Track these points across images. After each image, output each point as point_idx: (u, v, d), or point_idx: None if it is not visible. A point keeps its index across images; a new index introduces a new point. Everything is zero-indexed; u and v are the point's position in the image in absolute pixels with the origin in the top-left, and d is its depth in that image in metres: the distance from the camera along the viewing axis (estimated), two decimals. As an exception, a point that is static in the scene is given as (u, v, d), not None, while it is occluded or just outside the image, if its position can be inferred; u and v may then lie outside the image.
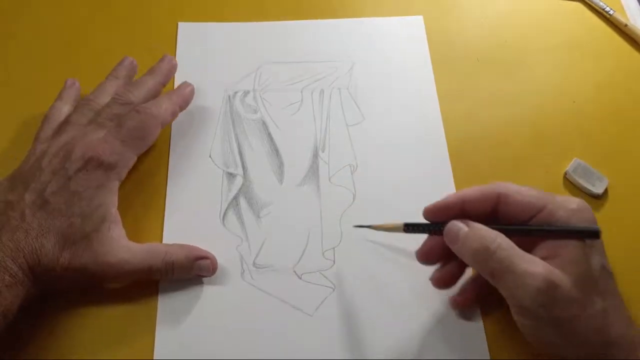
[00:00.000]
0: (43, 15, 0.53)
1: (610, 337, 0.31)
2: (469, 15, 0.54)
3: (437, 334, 0.39)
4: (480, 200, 0.35)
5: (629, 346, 0.32)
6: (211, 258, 0.40)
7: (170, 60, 0.47)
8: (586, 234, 0.33)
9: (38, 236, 0.36)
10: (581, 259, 0.32)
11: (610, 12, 0.53)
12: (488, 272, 0.33)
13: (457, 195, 0.36)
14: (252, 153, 0.46)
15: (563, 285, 0.31)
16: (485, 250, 0.33)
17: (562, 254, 0.32)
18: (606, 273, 0.33)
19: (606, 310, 0.32)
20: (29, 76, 0.49)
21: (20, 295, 0.35)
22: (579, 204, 0.34)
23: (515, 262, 0.32)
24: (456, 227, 0.34)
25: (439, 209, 0.36)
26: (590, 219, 0.34)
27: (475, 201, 0.35)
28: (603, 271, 0.33)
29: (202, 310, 0.39)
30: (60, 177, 0.38)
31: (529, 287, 0.31)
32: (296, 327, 0.39)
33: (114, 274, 0.38)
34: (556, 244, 0.33)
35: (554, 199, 0.34)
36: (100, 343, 0.38)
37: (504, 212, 0.35)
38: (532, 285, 0.31)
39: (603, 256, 0.34)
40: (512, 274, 0.32)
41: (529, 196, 0.34)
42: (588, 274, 0.32)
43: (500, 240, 0.33)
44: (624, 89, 0.50)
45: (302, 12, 0.53)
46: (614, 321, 0.32)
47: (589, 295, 0.32)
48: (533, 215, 0.34)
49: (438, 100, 0.49)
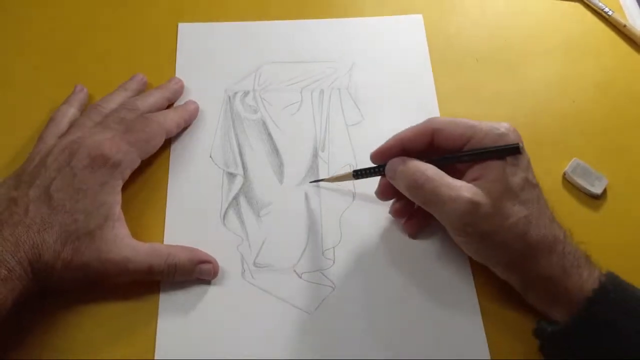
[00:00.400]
0: (43, 16, 0.53)
1: (532, 239, 0.36)
2: (468, 15, 0.54)
3: (437, 334, 0.39)
4: (417, 137, 0.39)
5: (549, 245, 0.36)
6: (213, 262, 0.40)
7: (178, 81, 0.48)
8: (507, 151, 0.37)
9: (40, 231, 0.36)
10: (502, 176, 0.36)
11: (609, 12, 0.53)
12: (420, 202, 0.38)
13: (395, 137, 0.40)
14: (252, 153, 0.46)
15: (485, 202, 0.35)
16: (415, 183, 0.37)
17: (486, 174, 0.37)
18: (529, 185, 0.37)
19: (527, 217, 0.36)
20: (29, 77, 0.49)
21: (16, 290, 0.35)
22: (506, 128, 0.38)
23: (441, 191, 0.36)
24: (393, 165, 0.39)
25: (382, 151, 0.40)
26: (514, 140, 0.37)
27: (413, 139, 0.39)
28: (526, 183, 0.37)
29: (203, 310, 0.39)
30: (65, 173, 0.39)
31: (455, 211, 0.36)
32: (296, 327, 0.39)
33: (116, 271, 0.38)
34: (482, 166, 0.37)
35: (481, 127, 0.37)
36: (102, 342, 0.38)
37: (439, 145, 0.39)
38: (457, 209, 0.35)
39: (527, 171, 0.37)
40: (440, 201, 0.36)
41: (459, 128, 0.38)
42: (508, 188, 0.36)
43: (428, 173, 0.37)
44: (623, 89, 0.50)
45: (301, 12, 0.54)
46: (536, 225, 0.36)
47: (511, 207, 0.36)
48: (465, 143, 0.38)
49: (437, 100, 0.49)
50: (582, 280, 0.35)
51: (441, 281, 0.41)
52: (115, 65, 0.50)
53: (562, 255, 0.36)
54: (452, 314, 0.39)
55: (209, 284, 0.40)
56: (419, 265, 0.41)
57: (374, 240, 0.42)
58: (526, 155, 0.38)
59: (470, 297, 0.40)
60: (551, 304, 0.36)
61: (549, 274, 0.36)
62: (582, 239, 0.38)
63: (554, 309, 0.36)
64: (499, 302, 0.39)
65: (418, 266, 0.41)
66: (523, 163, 0.37)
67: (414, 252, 0.42)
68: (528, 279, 0.37)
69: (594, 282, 0.35)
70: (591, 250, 0.38)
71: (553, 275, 0.36)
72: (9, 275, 0.34)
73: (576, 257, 0.36)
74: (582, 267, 0.36)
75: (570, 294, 0.35)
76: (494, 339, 0.39)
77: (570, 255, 0.36)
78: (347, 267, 0.41)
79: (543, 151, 0.46)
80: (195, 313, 0.39)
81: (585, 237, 0.40)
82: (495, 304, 0.39)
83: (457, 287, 0.40)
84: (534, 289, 0.37)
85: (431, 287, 0.40)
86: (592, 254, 0.38)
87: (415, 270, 0.41)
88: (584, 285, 0.35)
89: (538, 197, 0.37)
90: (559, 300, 0.36)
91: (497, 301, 0.39)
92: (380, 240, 0.42)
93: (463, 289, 0.40)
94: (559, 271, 0.36)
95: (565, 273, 0.36)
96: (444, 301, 0.40)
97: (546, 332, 0.36)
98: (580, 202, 0.44)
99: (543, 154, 0.46)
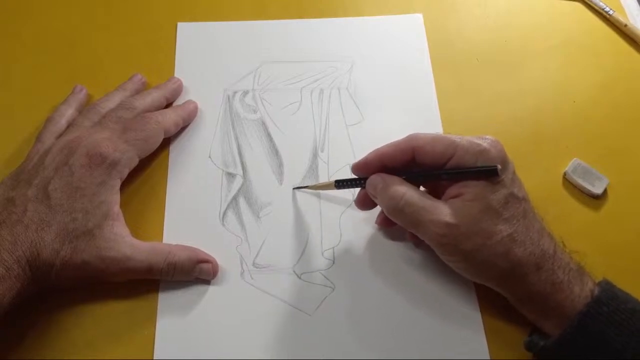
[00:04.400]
0: (43, 16, 0.53)
1: (517, 258, 0.35)
2: (468, 15, 0.54)
3: (437, 334, 0.39)
4: (397, 154, 0.38)
5: (535, 262, 0.35)
6: (213, 262, 0.40)
7: (176, 81, 0.48)
8: (484, 173, 0.36)
9: (38, 230, 0.36)
10: (480, 194, 0.35)
11: (610, 12, 0.53)
12: (403, 225, 0.38)
13: (375, 152, 0.39)
14: (252, 153, 0.46)
15: (462, 223, 0.35)
16: (395, 207, 0.37)
17: (464, 192, 0.36)
18: (514, 200, 0.36)
19: (511, 235, 0.35)
20: (27, 76, 0.49)
21: (13, 289, 0.35)
22: (489, 143, 0.36)
23: (421, 214, 0.36)
24: (373, 182, 0.38)
25: (362, 165, 0.39)
26: (494, 158, 0.36)
27: (393, 156, 0.38)
28: (510, 198, 0.36)
29: (202, 310, 0.39)
30: (63, 173, 0.39)
31: (435, 234, 0.36)
32: (296, 327, 0.39)
33: (116, 270, 0.38)
34: (461, 184, 0.36)
35: (462, 145, 0.36)
36: (101, 342, 0.38)
37: (420, 162, 0.38)
38: (436, 232, 0.35)
39: (512, 185, 0.36)
40: (420, 224, 0.36)
41: (439, 145, 0.37)
42: (489, 207, 0.35)
43: (407, 197, 0.36)
44: (623, 89, 0.50)
45: (301, 12, 0.53)
46: (522, 242, 0.35)
47: (493, 225, 0.35)
48: (447, 160, 0.37)
49: (437, 100, 0.49)
50: (573, 295, 0.35)
51: (442, 282, 0.40)
52: (114, 65, 0.50)
53: (551, 271, 0.35)
54: (452, 314, 0.39)
55: (208, 284, 0.40)
56: (418, 265, 0.41)
57: (374, 240, 0.42)
58: (511, 168, 0.37)
59: (470, 298, 0.40)
60: (543, 317, 0.36)
61: (537, 290, 0.35)
62: (582, 239, 0.38)
63: (546, 322, 0.36)
64: (499, 302, 0.39)
65: (418, 267, 0.41)
66: (507, 178, 0.36)
67: (414, 253, 0.42)
68: (518, 294, 0.37)
69: (587, 296, 0.35)
70: (591, 251, 0.38)
71: (542, 291, 0.35)
72: (7, 274, 0.34)
73: (567, 271, 0.36)
74: (573, 282, 0.35)
75: (562, 309, 0.35)
76: (494, 339, 0.39)
77: (560, 270, 0.36)
78: (347, 268, 0.41)
79: (543, 151, 0.46)
80: (194, 314, 0.39)
81: (585, 237, 0.40)
82: (496, 303, 0.39)
83: (458, 287, 0.40)
84: (524, 303, 0.37)
85: (431, 288, 0.40)
86: (592, 254, 0.38)
87: (415, 271, 0.41)
88: (576, 300, 0.35)
89: (525, 212, 0.36)
90: (550, 314, 0.36)
91: (497, 301, 0.39)
92: (380, 240, 0.42)
93: (463, 290, 0.40)
94: (549, 287, 0.35)
95: (555, 288, 0.35)
96: (444, 302, 0.40)
97: (538, 347, 0.36)
98: (580, 202, 0.44)
99: (543, 154, 0.46)
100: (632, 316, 0.34)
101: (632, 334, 0.33)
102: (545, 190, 0.38)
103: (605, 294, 0.35)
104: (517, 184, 0.37)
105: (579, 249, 0.38)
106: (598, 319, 0.34)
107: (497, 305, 0.39)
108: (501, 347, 0.38)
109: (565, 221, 0.38)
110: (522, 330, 0.38)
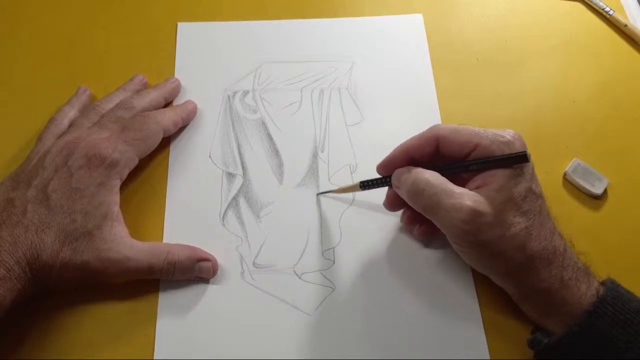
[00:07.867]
0: (43, 16, 0.53)
1: (531, 251, 0.35)
2: (468, 15, 0.54)
3: (437, 333, 0.39)
4: (423, 144, 0.38)
5: (548, 257, 0.36)
6: (212, 260, 0.40)
7: (175, 80, 0.48)
8: (515, 160, 0.36)
9: (38, 231, 0.36)
10: (505, 185, 0.35)
11: (610, 12, 0.53)
12: (420, 208, 0.37)
13: (401, 147, 0.39)
14: (252, 153, 0.46)
15: (487, 212, 0.35)
16: (416, 188, 0.36)
17: (490, 182, 0.36)
18: (533, 195, 0.36)
19: (528, 228, 0.35)
20: (29, 77, 0.49)
21: (14, 290, 0.35)
22: (511, 135, 0.37)
23: (442, 198, 0.35)
24: (398, 173, 0.38)
25: (388, 162, 0.39)
26: (520, 148, 0.36)
27: (418, 147, 0.38)
28: (529, 193, 0.36)
29: (202, 310, 0.39)
30: (62, 174, 0.39)
31: (455, 219, 0.35)
32: (296, 327, 0.39)
33: (116, 270, 0.38)
34: (487, 174, 0.36)
35: (487, 135, 0.37)
36: (101, 342, 0.38)
37: (444, 153, 0.38)
38: (457, 217, 0.35)
39: (531, 180, 0.37)
40: (440, 208, 0.35)
41: (463, 135, 0.37)
42: (511, 198, 0.35)
43: (430, 179, 0.36)
44: (623, 89, 0.50)
45: (301, 12, 0.53)
46: (536, 237, 0.35)
47: (513, 217, 0.35)
48: (470, 151, 0.37)
49: (437, 100, 0.49)
50: (580, 293, 0.35)
51: (442, 281, 0.41)
52: (114, 65, 0.50)
53: (561, 267, 0.36)
54: (452, 314, 0.39)
55: (209, 284, 0.40)
56: (419, 265, 0.41)
57: (374, 240, 0.42)
58: (531, 164, 0.37)
59: (471, 297, 0.40)
60: (547, 315, 0.36)
61: (546, 286, 0.36)
62: (582, 239, 0.38)
63: (549, 320, 0.36)
64: (500, 302, 0.39)
65: (419, 266, 0.41)
66: (528, 172, 0.36)
67: (415, 253, 0.42)
68: (525, 289, 0.37)
69: (592, 294, 0.35)
70: (592, 251, 0.38)
71: (550, 287, 0.35)
72: (7, 275, 0.34)
73: (575, 269, 0.36)
74: (580, 280, 0.36)
75: (567, 307, 0.35)
76: (494, 339, 0.39)
77: (569, 268, 0.36)
78: (347, 268, 0.41)
79: (543, 151, 0.46)
80: (195, 313, 0.39)
81: (586, 237, 0.40)
82: (496, 303, 0.39)
83: (458, 287, 0.40)
84: (530, 300, 0.37)
85: (431, 288, 0.40)
86: (593, 254, 0.38)
87: (416, 271, 0.41)
88: (582, 298, 0.35)
89: (540, 208, 0.36)
90: (554, 312, 0.36)
91: (498, 301, 0.39)
92: (381, 240, 0.42)
93: (463, 290, 0.40)
94: (557, 284, 0.35)
95: (562, 285, 0.35)
96: (444, 301, 0.40)
97: (542, 344, 0.36)
98: (580, 203, 0.44)
99: (543, 154, 0.46)
100: (636, 316, 0.34)
101: (636, 334, 0.33)
102: (546, 190, 0.38)
103: (611, 293, 0.35)
104: (536, 180, 0.37)
105: (579, 249, 0.38)
106: (604, 318, 0.34)
107: (497, 304, 0.39)
108: (501, 346, 0.38)
109: (566, 221, 0.38)
110: (523, 329, 0.38)
